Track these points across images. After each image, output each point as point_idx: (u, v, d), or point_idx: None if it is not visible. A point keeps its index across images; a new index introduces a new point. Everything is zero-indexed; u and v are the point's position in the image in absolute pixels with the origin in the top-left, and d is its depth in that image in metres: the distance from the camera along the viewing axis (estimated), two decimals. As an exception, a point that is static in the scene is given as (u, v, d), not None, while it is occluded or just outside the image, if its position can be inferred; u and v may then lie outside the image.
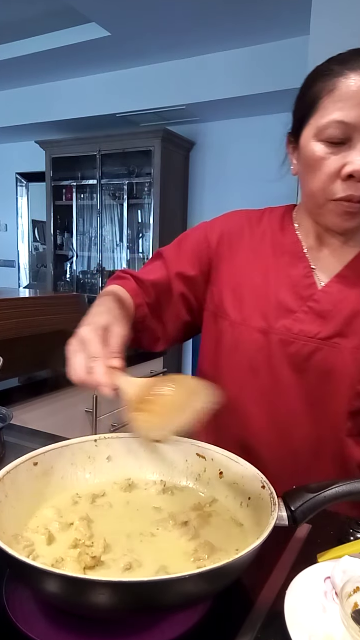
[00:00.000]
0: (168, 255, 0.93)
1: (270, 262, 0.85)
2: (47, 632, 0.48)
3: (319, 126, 0.72)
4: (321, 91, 0.73)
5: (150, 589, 0.42)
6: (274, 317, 0.82)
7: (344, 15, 2.08)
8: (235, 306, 0.86)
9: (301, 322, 0.80)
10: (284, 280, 0.83)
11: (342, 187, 0.72)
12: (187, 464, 0.69)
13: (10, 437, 0.96)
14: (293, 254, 0.84)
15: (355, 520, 0.64)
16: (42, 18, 3.16)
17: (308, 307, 0.80)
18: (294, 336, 0.80)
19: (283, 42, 3.20)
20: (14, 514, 0.57)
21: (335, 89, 0.71)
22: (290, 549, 0.61)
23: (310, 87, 0.75)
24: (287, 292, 0.82)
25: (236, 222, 0.91)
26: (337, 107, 0.70)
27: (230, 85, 3.43)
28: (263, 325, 0.82)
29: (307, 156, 0.75)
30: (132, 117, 4.03)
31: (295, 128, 0.80)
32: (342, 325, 0.78)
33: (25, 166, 5.07)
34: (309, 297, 0.81)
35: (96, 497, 0.64)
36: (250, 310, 0.84)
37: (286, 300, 0.82)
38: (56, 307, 2.21)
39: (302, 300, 0.81)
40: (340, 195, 0.73)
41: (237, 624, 0.49)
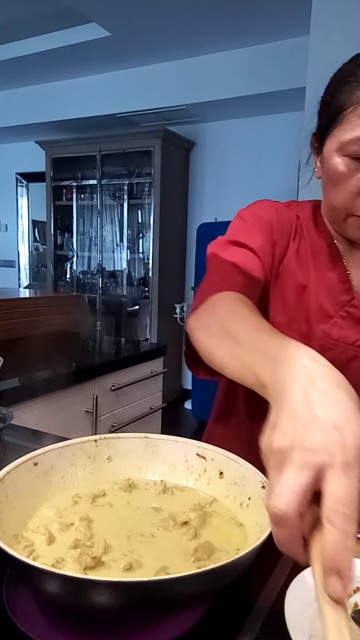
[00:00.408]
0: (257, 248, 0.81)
1: (311, 262, 0.82)
2: (47, 632, 0.48)
3: (342, 141, 0.70)
4: (345, 102, 0.70)
5: (150, 589, 0.42)
6: (315, 321, 0.79)
7: (344, 15, 2.08)
8: (278, 306, 0.83)
9: (340, 327, 0.78)
10: (322, 283, 0.81)
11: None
12: (187, 464, 0.69)
13: (10, 437, 0.96)
14: (330, 256, 0.81)
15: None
16: (42, 18, 3.16)
17: (346, 312, 0.78)
18: (333, 342, 0.78)
19: (283, 42, 3.20)
20: (14, 514, 0.57)
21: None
22: (290, 549, 0.61)
23: (335, 94, 0.72)
24: (325, 296, 0.80)
25: (284, 215, 0.85)
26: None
27: (230, 85, 3.43)
28: (305, 329, 0.80)
29: (329, 169, 0.73)
30: (132, 117, 4.03)
31: (319, 132, 0.77)
32: None
33: (25, 166, 5.08)
34: (347, 302, 0.78)
35: (96, 497, 0.64)
36: (293, 312, 0.81)
37: (325, 304, 0.80)
38: (56, 307, 2.22)
39: (339, 305, 0.79)
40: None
41: (237, 624, 0.49)
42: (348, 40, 2.00)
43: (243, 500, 0.61)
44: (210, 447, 0.68)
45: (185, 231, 4.32)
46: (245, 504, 0.61)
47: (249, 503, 0.60)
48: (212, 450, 0.67)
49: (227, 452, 0.66)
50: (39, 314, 2.10)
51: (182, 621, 0.50)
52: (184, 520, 0.58)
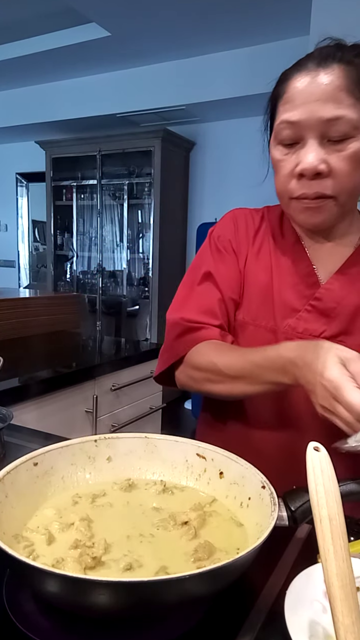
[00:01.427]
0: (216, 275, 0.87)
1: (273, 261, 0.85)
2: (47, 632, 0.48)
3: (275, 129, 0.75)
4: (276, 96, 0.75)
5: (150, 589, 0.42)
6: (280, 316, 0.82)
7: (344, 16, 2.08)
8: (244, 306, 0.86)
9: (305, 320, 0.80)
10: (286, 279, 0.83)
11: (296, 185, 0.74)
12: (187, 464, 0.69)
13: (10, 437, 0.96)
14: (294, 252, 0.84)
15: (355, 520, 0.64)
16: (42, 18, 3.16)
17: (311, 306, 0.80)
18: (299, 335, 0.80)
19: (283, 42, 3.20)
20: (14, 514, 0.57)
21: (285, 92, 0.73)
22: (290, 549, 0.61)
23: (272, 94, 0.78)
24: (291, 291, 0.82)
25: (242, 223, 0.90)
26: (285, 109, 0.72)
27: (230, 85, 3.43)
28: (271, 324, 0.82)
29: (271, 160, 0.78)
30: (132, 117, 4.03)
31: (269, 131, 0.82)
32: (346, 323, 0.78)
33: (25, 166, 5.07)
34: (312, 295, 0.80)
35: (96, 497, 0.64)
36: (258, 310, 0.84)
37: (290, 299, 0.82)
38: (56, 307, 2.22)
39: (305, 299, 0.81)
40: (296, 193, 0.74)
41: (237, 624, 0.49)
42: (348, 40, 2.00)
43: (243, 500, 0.61)
44: (210, 447, 0.68)
45: (185, 231, 4.32)
46: (245, 504, 0.61)
47: (249, 503, 0.60)
48: (212, 450, 0.67)
49: (227, 452, 0.66)
50: (39, 314, 2.10)
51: (182, 621, 0.50)
52: (184, 520, 0.58)
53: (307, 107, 0.69)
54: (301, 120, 0.70)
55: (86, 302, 4.10)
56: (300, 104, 0.70)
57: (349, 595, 0.39)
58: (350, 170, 0.71)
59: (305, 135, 0.71)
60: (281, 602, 0.46)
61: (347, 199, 0.74)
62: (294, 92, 0.71)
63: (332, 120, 0.68)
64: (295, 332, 0.80)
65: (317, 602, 0.48)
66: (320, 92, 0.69)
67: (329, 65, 0.70)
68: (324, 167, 0.70)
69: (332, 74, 0.69)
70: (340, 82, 0.68)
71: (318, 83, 0.69)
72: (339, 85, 0.68)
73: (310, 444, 0.46)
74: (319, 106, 0.69)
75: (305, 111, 0.69)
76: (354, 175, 0.71)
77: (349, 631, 0.37)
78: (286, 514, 0.53)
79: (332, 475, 0.44)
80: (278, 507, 0.53)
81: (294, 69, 0.73)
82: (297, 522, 0.53)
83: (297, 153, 0.72)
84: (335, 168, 0.70)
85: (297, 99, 0.70)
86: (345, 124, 0.68)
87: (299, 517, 0.53)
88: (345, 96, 0.68)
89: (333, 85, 0.68)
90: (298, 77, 0.71)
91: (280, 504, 0.54)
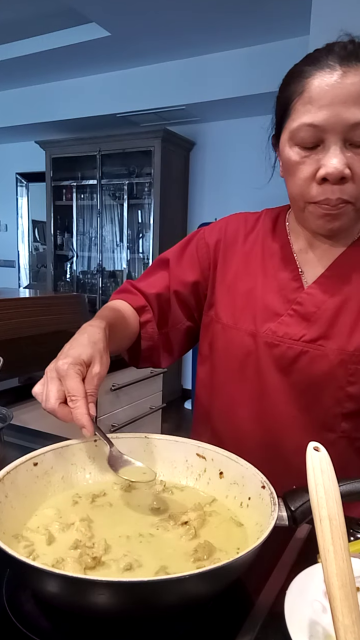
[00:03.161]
0: (172, 262, 0.94)
1: (260, 265, 0.85)
2: (47, 632, 0.48)
3: (292, 130, 0.71)
4: (292, 94, 0.72)
5: (150, 589, 0.42)
6: (261, 320, 0.82)
7: (344, 16, 2.08)
8: (227, 310, 0.87)
9: (286, 325, 0.80)
10: (272, 283, 0.83)
11: (318, 190, 0.71)
12: (187, 464, 0.69)
13: (10, 437, 0.96)
14: (282, 257, 0.84)
15: (355, 520, 0.64)
16: (42, 18, 3.16)
17: (293, 310, 0.80)
18: (279, 339, 0.80)
19: (283, 42, 3.20)
20: (14, 514, 0.57)
21: (304, 90, 0.69)
22: (290, 549, 0.61)
23: (284, 90, 0.74)
24: (275, 296, 0.82)
25: (233, 227, 0.91)
26: (306, 109, 0.69)
27: (230, 85, 3.43)
28: (251, 328, 0.83)
29: (284, 161, 0.75)
30: (132, 117, 4.03)
31: (276, 131, 0.79)
32: (326, 327, 0.78)
33: (25, 166, 5.07)
34: (295, 300, 0.80)
35: (96, 497, 0.64)
36: (240, 313, 0.85)
37: (273, 304, 0.82)
38: (56, 307, 2.21)
39: (288, 303, 0.81)
40: (318, 198, 0.72)
41: (237, 624, 0.49)
42: (348, 40, 2.00)
43: (243, 500, 0.62)
44: (210, 447, 0.68)
45: (185, 231, 4.32)
46: (245, 504, 0.61)
47: (248, 503, 0.60)
48: (212, 450, 0.67)
49: (227, 452, 0.66)
50: (39, 314, 2.10)
51: (182, 621, 0.50)
52: (184, 520, 0.58)
53: (332, 110, 0.66)
54: (325, 123, 0.67)
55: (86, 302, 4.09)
56: (325, 105, 0.67)
57: (349, 595, 0.39)
58: None
59: (327, 138, 0.68)
60: (281, 602, 0.46)
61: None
62: (317, 91, 0.67)
63: (357, 125, 0.66)
64: (275, 335, 0.80)
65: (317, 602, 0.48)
66: (346, 94, 0.66)
67: (353, 64, 0.67)
68: (348, 172, 0.68)
69: (356, 74, 0.66)
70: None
71: (343, 84, 0.66)
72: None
73: (310, 444, 0.46)
74: (345, 109, 0.66)
75: (330, 114, 0.67)
76: None
77: (349, 631, 0.37)
78: (286, 514, 0.53)
79: (332, 475, 0.44)
80: (278, 507, 0.53)
81: (312, 66, 0.69)
82: (297, 522, 0.53)
83: (318, 156, 0.70)
84: (357, 172, 0.69)
85: (321, 99, 0.67)
86: None
87: (299, 517, 0.53)
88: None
89: (358, 86, 0.66)
90: (319, 75, 0.68)
91: (280, 504, 0.54)
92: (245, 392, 0.84)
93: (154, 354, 0.94)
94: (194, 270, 0.92)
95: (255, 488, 0.59)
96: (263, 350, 0.81)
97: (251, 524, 0.58)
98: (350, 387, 0.76)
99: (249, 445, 0.84)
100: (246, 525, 0.59)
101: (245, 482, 0.62)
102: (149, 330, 0.90)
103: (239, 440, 0.85)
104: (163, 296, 0.92)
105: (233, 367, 0.85)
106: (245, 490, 0.61)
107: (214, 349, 0.89)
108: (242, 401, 0.85)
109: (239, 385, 0.85)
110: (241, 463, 0.63)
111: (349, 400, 0.76)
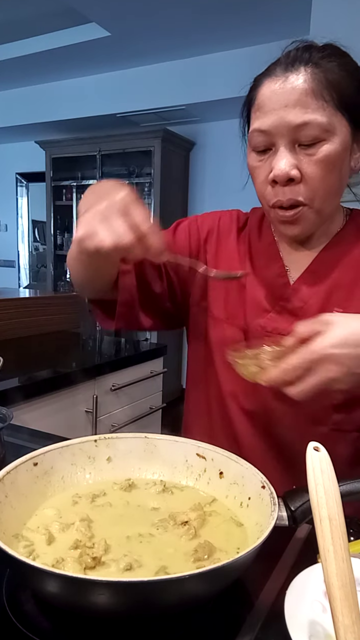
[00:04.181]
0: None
1: (249, 261, 0.87)
2: (47, 632, 0.48)
3: (249, 136, 0.75)
4: (249, 102, 0.76)
5: (150, 589, 0.42)
6: (251, 316, 0.84)
7: (344, 16, 2.08)
8: (218, 304, 0.88)
9: (275, 320, 0.82)
10: (260, 280, 0.85)
11: (271, 192, 0.74)
12: (187, 464, 0.69)
13: (10, 437, 0.96)
14: (269, 254, 0.85)
15: (355, 520, 0.64)
16: (42, 18, 3.16)
17: (280, 306, 0.82)
18: (268, 334, 0.81)
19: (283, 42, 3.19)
20: (14, 514, 0.57)
21: (255, 99, 0.73)
22: (290, 549, 0.61)
23: (245, 99, 0.78)
24: (263, 292, 0.84)
25: (226, 221, 0.93)
26: (256, 116, 0.73)
27: (230, 85, 3.43)
28: (242, 324, 0.84)
29: (248, 166, 0.78)
30: (132, 117, 4.03)
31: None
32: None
33: (25, 166, 5.07)
34: (282, 296, 0.82)
35: (96, 497, 0.64)
36: (232, 308, 0.86)
37: (262, 300, 0.83)
38: (56, 307, 2.22)
39: (276, 300, 0.82)
40: (272, 201, 0.74)
41: (237, 624, 0.49)
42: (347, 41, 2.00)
43: (243, 500, 0.62)
44: (210, 447, 0.68)
45: (185, 231, 4.32)
46: (245, 504, 0.61)
47: (249, 503, 0.60)
48: (212, 450, 0.67)
49: (227, 452, 0.66)
50: (38, 314, 2.10)
51: (182, 621, 0.50)
52: (184, 520, 0.58)
53: (276, 114, 0.69)
54: (271, 128, 0.70)
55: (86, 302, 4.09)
56: (269, 110, 0.70)
57: (349, 595, 0.39)
58: (323, 174, 0.70)
59: (276, 142, 0.71)
60: (281, 602, 0.46)
61: (322, 203, 0.73)
62: (262, 99, 0.71)
63: (301, 126, 0.68)
64: (264, 331, 0.82)
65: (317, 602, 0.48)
66: (287, 98, 0.69)
67: (296, 69, 0.70)
68: (295, 173, 0.70)
69: (298, 78, 0.69)
70: (307, 85, 0.68)
71: (285, 89, 0.69)
72: (305, 89, 0.68)
73: (310, 444, 0.46)
74: (287, 112, 0.68)
75: (274, 118, 0.69)
76: (327, 179, 0.71)
77: (349, 631, 0.37)
78: (286, 514, 0.53)
79: (332, 475, 0.44)
80: (278, 507, 0.53)
81: (263, 75, 0.74)
82: (297, 522, 0.53)
83: (270, 159, 0.73)
84: (308, 172, 0.70)
85: (265, 105, 0.71)
86: (314, 128, 0.68)
87: (299, 517, 0.53)
88: (312, 100, 0.68)
89: (300, 89, 0.68)
90: (266, 83, 0.72)
91: (280, 504, 0.54)
92: (237, 384, 0.85)
93: (132, 312, 0.87)
94: (183, 246, 0.91)
95: (255, 488, 0.59)
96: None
97: (251, 524, 0.58)
98: None
99: (242, 437, 0.85)
100: (246, 525, 0.59)
101: (245, 482, 0.62)
102: (127, 282, 0.84)
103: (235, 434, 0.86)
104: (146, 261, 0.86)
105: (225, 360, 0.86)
106: (245, 490, 0.61)
107: (207, 341, 0.90)
108: (234, 393, 0.86)
109: (232, 377, 0.86)
110: (241, 463, 0.63)
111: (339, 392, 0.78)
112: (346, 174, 0.74)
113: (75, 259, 0.74)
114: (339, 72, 0.70)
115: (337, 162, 0.70)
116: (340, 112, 0.69)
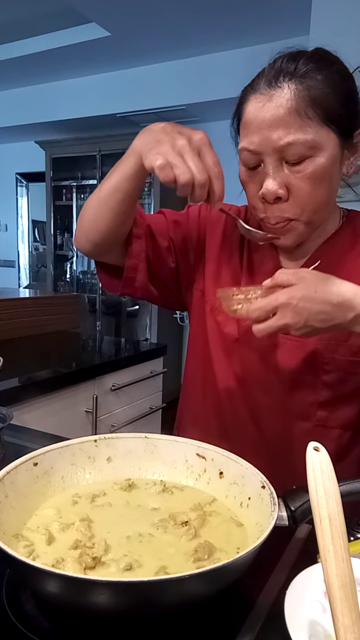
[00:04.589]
0: (169, 217, 0.96)
1: (247, 258, 0.88)
2: (47, 632, 0.48)
3: (239, 152, 0.76)
4: (238, 115, 0.76)
5: (150, 589, 0.42)
6: None
7: (344, 16, 2.08)
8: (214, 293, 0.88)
9: None
10: (256, 276, 0.85)
11: (261, 207, 0.75)
12: (187, 464, 0.69)
13: (10, 437, 0.96)
14: (266, 250, 0.86)
15: (355, 520, 0.64)
16: (42, 18, 3.16)
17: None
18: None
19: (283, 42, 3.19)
20: (14, 514, 0.57)
21: (242, 115, 0.73)
22: (290, 549, 0.61)
23: (235, 109, 0.78)
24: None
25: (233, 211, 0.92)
26: (243, 134, 0.73)
27: (230, 85, 3.41)
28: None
29: (239, 179, 0.79)
30: (132, 117, 4.02)
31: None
32: None
33: (25, 166, 5.07)
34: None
35: (96, 497, 0.64)
36: None
37: None
38: (56, 307, 2.22)
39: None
40: (261, 215, 0.76)
41: (237, 624, 0.49)
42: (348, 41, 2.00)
43: (243, 500, 0.62)
44: (210, 447, 0.68)
45: (185, 231, 4.32)
46: (245, 504, 0.61)
47: (249, 503, 0.60)
48: (212, 450, 0.67)
49: (227, 452, 0.66)
50: (39, 314, 2.10)
51: (182, 621, 0.50)
52: (184, 520, 0.58)
53: (261, 134, 0.69)
54: (258, 148, 0.71)
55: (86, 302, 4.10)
56: (254, 130, 0.70)
57: (349, 595, 0.39)
58: (311, 190, 0.71)
59: (264, 160, 0.71)
60: (281, 602, 0.46)
61: (312, 215, 0.74)
62: (249, 117, 0.71)
63: (286, 146, 0.68)
64: None
65: (317, 602, 0.48)
66: (270, 118, 0.68)
67: (279, 85, 0.69)
68: (282, 192, 0.71)
69: (280, 96, 0.68)
70: (290, 104, 0.67)
71: (267, 108, 0.69)
72: (288, 108, 0.67)
73: (310, 444, 0.46)
74: (271, 132, 0.69)
75: (260, 138, 0.70)
76: (316, 193, 0.71)
77: (349, 631, 0.37)
78: (286, 514, 0.53)
79: (332, 475, 0.44)
80: (278, 507, 0.53)
81: (249, 90, 0.73)
82: (297, 522, 0.53)
83: (260, 175, 0.73)
84: (296, 189, 0.71)
85: (251, 124, 0.71)
86: (299, 147, 0.68)
87: (299, 517, 0.53)
88: (296, 119, 0.67)
89: (283, 109, 0.68)
90: (251, 100, 0.71)
91: (280, 504, 0.54)
92: (230, 375, 0.87)
93: (139, 279, 0.88)
94: (194, 226, 0.94)
95: (255, 488, 0.59)
96: (244, 337, 0.84)
97: (251, 524, 0.58)
98: (326, 375, 0.79)
99: (233, 429, 0.87)
100: (246, 525, 0.59)
101: (245, 482, 0.62)
102: (137, 248, 0.86)
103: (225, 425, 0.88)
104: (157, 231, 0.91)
105: (220, 348, 0.88)
106: (245, 490, 0.62)
107: (205, 329, 0.90)
108: (226, 384, 0.87)
109: (225, 367, 0.87)
110: (241, 463, 0.63)
111: (324, 389, 0.79)
112: (337, 182, 0.75)
113: (106, 202, 0.79)
114: (323, 88, 0.69)
115: (325, 175, 0.71)
116: (326, 127, 0.69)
